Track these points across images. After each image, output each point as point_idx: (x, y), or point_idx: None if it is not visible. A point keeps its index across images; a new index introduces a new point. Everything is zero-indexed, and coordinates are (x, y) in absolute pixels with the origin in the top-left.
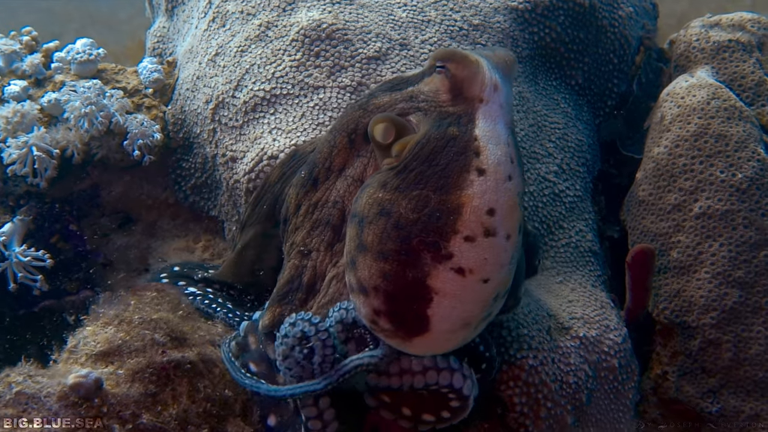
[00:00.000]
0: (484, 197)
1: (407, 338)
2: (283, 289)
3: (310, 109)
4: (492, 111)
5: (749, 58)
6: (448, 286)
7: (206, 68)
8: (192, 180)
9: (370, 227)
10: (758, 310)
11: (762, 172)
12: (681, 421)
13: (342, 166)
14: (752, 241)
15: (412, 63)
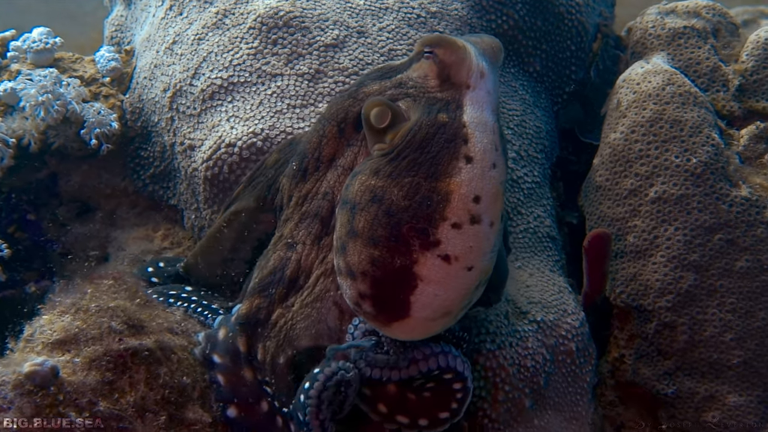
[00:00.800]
0: (471, 185)
1: (387, 323)
2: (265, 280)
3: (268, 96)
4: (479, 97)
5: (704, 44)
6: (433, 273)
7: (164, 56)
8: (150, 169)
9: (361, 213)
10: (713, 293)
11: (716, 156)
12: (637, 404)
13: (332, 156)
14: (707, 225)
15: (369, 50)
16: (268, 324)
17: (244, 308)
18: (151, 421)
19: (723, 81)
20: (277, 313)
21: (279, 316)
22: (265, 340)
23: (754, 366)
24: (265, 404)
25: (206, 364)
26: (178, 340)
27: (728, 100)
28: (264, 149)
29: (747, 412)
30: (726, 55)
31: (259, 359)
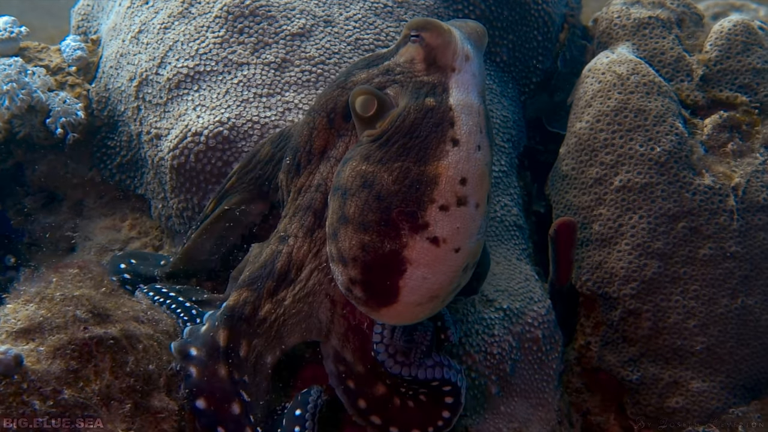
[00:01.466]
0: (457, 167)
1: (376, 308)
2: (254, 274)
3: (234, 85)
4: (464, 80)
5: (668, 34)
6: (422, 256)
7: (130, 45)
8: (117, 158)
9: (352, 199)
10: (676, 280)
11: (680, 145)
12: (603, 391)
13: (323, 148)
14: (670, 213)
15: (336, 39)
16: (255, 320)
17: (231, 301)
18: (116, 410)
19: (687, 71)
20: (266, 309)
21: (268, 312)
22: (251, 337)
23: (717, 352)
24: (236, 407)
25: (181, 357)
26: (144, 328)
27: (692, 90)
28: (231, 138)
29: (710, 398)
30: (690, 45)
31: (242, 356)
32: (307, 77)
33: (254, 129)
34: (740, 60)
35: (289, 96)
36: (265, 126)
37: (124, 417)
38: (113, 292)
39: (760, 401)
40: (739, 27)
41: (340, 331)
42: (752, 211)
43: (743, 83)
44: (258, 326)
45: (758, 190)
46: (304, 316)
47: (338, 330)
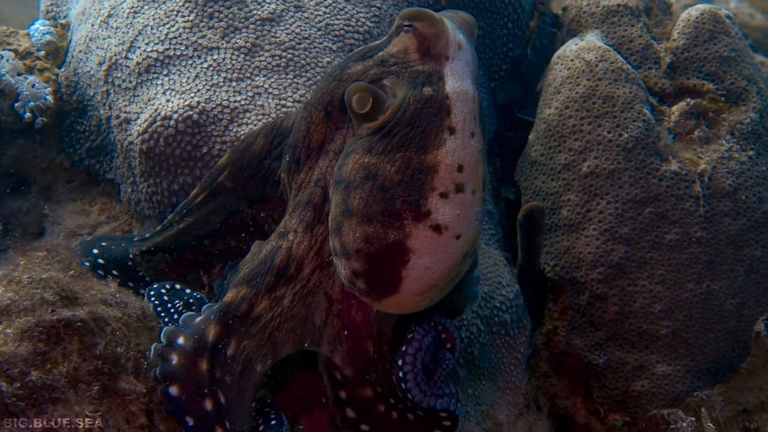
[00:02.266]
0: (455, 154)
1: (378, 298)
2: (254, 270)
3: (204, 70)
4: (458, 68)
5: (637, 22)
6: (425, 245)
7: (99, 30)
8: (87, 143)
9: (356, 191)
10: (643, 265)
11: (647, 132)
12: (570, 375)
13: (321, 143)
14: (637, 199)
15: (307, 24)
16: (250, 317)
17: (229, 297)
18: (84, 392)
19: (655, 58)
20: (262, 306)
21: (264, 310)
22: (242, 337)
23: (682, 336)
24: (209, 404)
25: (167, 342)
26: (112, 311)
27: (660, 78)
28: (200, 122)
29: (675, 381)
30: (658, 33)
31: (228, 354)
32: (277, 62)
33: (224, 113)
34: (707, 48)
35: (259, 80)
36: (235, 110)
37: (91, 399)
38: (81, 275)
39: (724, 384)
40: (706, 15)
41: (333, 332)
42: (718, 197)
43: (710, 71)
44: (251, 325)
45: (724, 176)
46: (299, 320)
47: (330, 332)
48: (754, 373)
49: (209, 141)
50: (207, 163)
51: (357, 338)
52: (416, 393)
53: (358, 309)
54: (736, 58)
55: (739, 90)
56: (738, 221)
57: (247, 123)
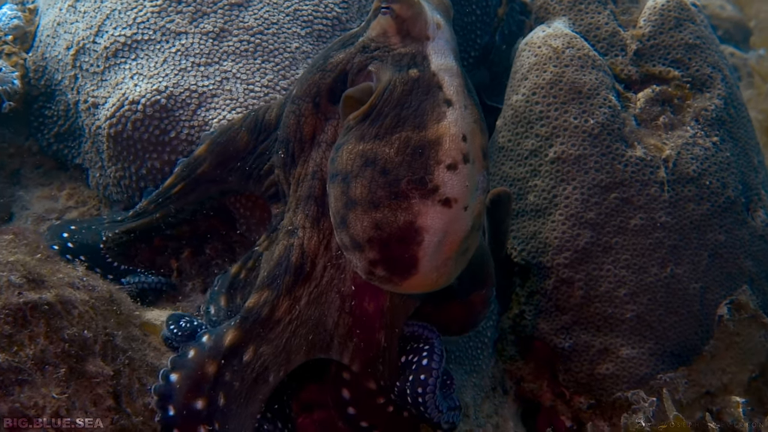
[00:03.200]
0: (457, 124)
1: (399, 282)
2: (272, 272)
3: (172, 54)
4: (440, 46)
5: (604, 9)
6: (436, 221)
7: (67, 14)
8: (55, 128)
9: (357, 180)
10: (608, 250)
11: (613, 118)
12: (536, 358)
13: (312, 134)
14: (603, 184)
15: (275, 10)
16: (271, 321)
17: (251, 302)
18: (50, 374)
19: (621, 45)
20: (283, 308)
21: (285, 312)
22: (260, 342)
23: (646, 320)
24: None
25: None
26: (79, 294)
27: (626, 65)
28: (168, 106)
29: (639, 364)
30: (625, 21)
31: (245, 361)
32: (245, 47)
33: (192, 98)
34: (673, 35)
35: (227, 65)
36: (203, 95)
37: (58, 381)
38: (49, 259)
39: (687, 367)
40: (672, 3)
41: (344, 331)
42: (682, 182)
43: (675, 58)
44: (271, 330)
45: (688, 162)
46: (313, 324)
47: (341, 332)
48: (716, 356)
49: (177, 125)
50: (175, 147)
51: (369, 329)
52: (434, 413)
53: (371, 300)
54: (701, 46)
55: (704, 77)
56: (702, 206)
57: (215, 108)
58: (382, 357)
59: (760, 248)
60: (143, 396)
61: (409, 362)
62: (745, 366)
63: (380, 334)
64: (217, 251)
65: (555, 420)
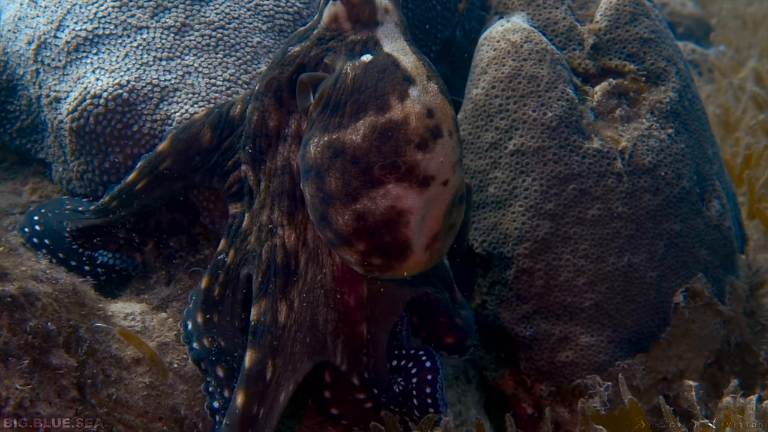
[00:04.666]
0: (420, 100)
1: (398, 266)
2: (264, 277)
3: (134, 49)
4: (389, 30)
5: (561, 5)
6: (417, 201)
7: (28, 9)
8: (17, 123)
9: (329, 173)
10: (567, 240)
11: (570, 111)
12: (499, 348)
13: (277, 129)
14: (561, 176)
15: (236, 4)
16: (277, 328)
17: (254, 315)
18: (14, 366)
19: (579, 40)
20: (283, 313)
21: (285, 317)
22: (274, 354)
23: (605, 308)
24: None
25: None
26: (42, 287)
27: (584, 59)
28: (130, 100)
29: (598, 351)
30: (582, 15)
31: (267, 379)
32: (206, 41)
33: (154, 92)
34: (628, 30)
35: (189, 59)
36: (165, 89)
37: (21, 373)
38: (12, 252)
39: (644, 354)
40: None
41: (332, 329)
42: (638, 173)
43: (631, 52)
44: (279, 337)
45: (644, 153)
46: (309, 326)
47: (331, 329)
48: (673, 343)
49: (139, 119)
50: (138, 141)
51: (352, 321)
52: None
53: (350, 293)
54: (656, 40)
55: (659, 70)
56: (658, 197)
57: (177, 101)
58: (366, 348)
59: (715, 237)
60: (107, 387)
61: (405, 367)
62: (700, 352)
63: (362, 326)
64: (181, 244)
65: (517, 407)
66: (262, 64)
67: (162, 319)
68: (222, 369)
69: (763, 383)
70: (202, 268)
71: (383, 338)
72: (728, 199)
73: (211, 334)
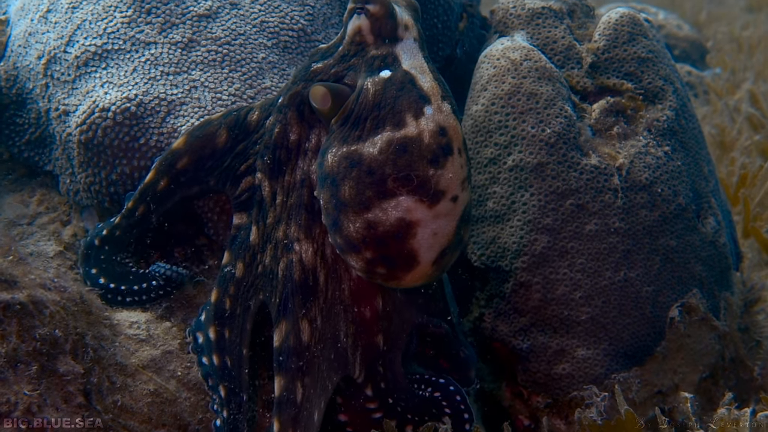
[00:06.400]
0: (434, 119)
1: (402, 276)
2: (282, 298)
3: (142, 63)
4: (409, 46)
5: (560, 24)
6: (427, 214)
7: (38, 25)
8: (26, 135)
9: (344, 182)
10: (564, 254)
11: (569, 127)
12: (496, 360)
13: (298, 142)
14: (559, 191)
15: (242, 21)
16: (300, 348)
17: (276, 341)
18: (22, 372)
19: (577, 59)
20: (306, 332)
21: (309, 335)
22: (303, 376)
23: (601, 321)
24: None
25: None
26: (51, 295)
27: (582, 77)
28: (138, 114)
29: (594, 364)
30: (580, 35)
31: (298, 402)
32: (213, 57)
33: (161, 106)
34: (626, 49)
35: (196, 74)
36: (172, 103)
37: (30, 379)
38: (20, 261)
39: (640, 367)
40: (625, 18)
41: (351, 342)
42: (635, 189)
43: (629, 71)
44: (305, 357)
45: (641, 170)
46: (331, 342)
47: (350, 343)
48: (668, 356)
49: (147, 132)
50: (144, 153)
51: (369, 333)
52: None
53: (365, 305)
54: (654, 59)
55: (656, 89)
56: (654, 213)
57: (183, 115)
58: (382, 359)
59: (710, 253)
60: (113, 393)
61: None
62: (695, 366)
63: (378, 337)
64: (186, 254)
65: (514, 419)
66: (266, 80)
67: (166, 328)
68: (224, 389)
69: (758, 398)
70: (206, 278)
71: (399, 346)
72: (723, 216)
73: (220, 350)
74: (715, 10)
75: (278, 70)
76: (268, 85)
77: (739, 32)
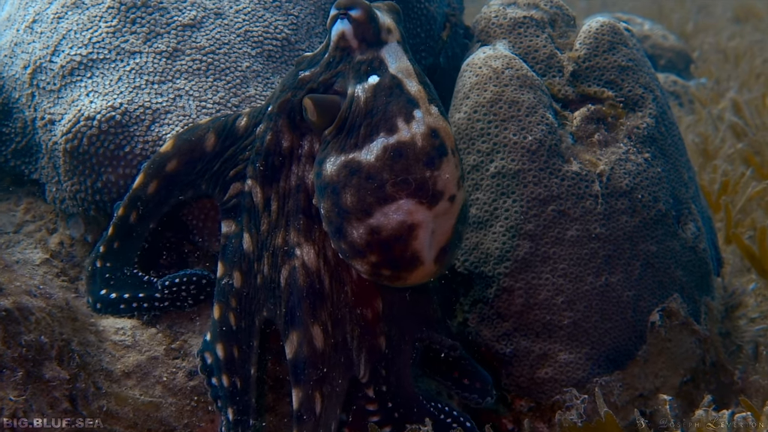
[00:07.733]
0: (425, 121)
1: (407, 276)
2: (288, 307)
3: (127, 72)
4: (393, 49)
5: (542, 33)
6: (426, 215)
7: (24, 35)
8: (12, 144)
9: (345, 190)
10: (546, 260)
11: (550, 135)
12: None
13: (291, 149)
14: (541, 197)
15: (226, 31)
16: (316, 356)
17: (290, 353)
18: (8, 377)
19: (559, 67)
20: (319, 338)
21: (321, 341)
22: (320, 385)
23: (583, 326)
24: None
25: None
26: (36, 302)
27: (563, 85)
28: (123, 122)
29: (576, 368)
30: (562, 44)
31: (317, 413)
32: (197, 66)
33: (146, 114)
34: (606, 58)
35: (180, 83)
36: (157, 111)
37: (16, 384)
38: (6, 267)
39: (622, 371)
40: (605, 27)
41: (357, 345)
42: (615, 195)
43: (609, 79)
44: (321, 364)
45: (621, 176)
46: (341, 346)
47: (356, 345)
48: (649, 360)
49: (132, 141)
50: (129, 162)
51: (372, 334)
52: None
53: (366, 307)
54: (634, 68)
55: (636, 97)
56: (634, 219)
57: (168, 123)
58: (385, 361)
59: (690, 259)
60: (98, 399)
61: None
62: (677, 370)
63: (381, 339)
64: (171, 260)
65: (497, 423)
66: (251, 88)
67: (152, 334)
68: (232, 412)
69: (738, 401)
70: None
71: (403, 351)
72: (704, 222)
73: (230, 370)
74: (702, 21)
75: (263, 79)
76: (253, 94)
77: (725, 43)
